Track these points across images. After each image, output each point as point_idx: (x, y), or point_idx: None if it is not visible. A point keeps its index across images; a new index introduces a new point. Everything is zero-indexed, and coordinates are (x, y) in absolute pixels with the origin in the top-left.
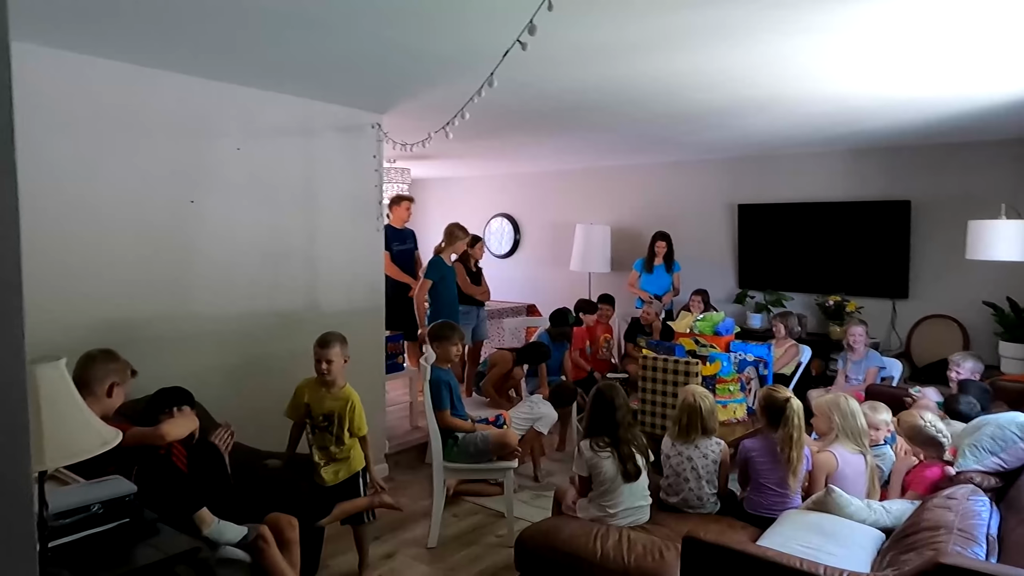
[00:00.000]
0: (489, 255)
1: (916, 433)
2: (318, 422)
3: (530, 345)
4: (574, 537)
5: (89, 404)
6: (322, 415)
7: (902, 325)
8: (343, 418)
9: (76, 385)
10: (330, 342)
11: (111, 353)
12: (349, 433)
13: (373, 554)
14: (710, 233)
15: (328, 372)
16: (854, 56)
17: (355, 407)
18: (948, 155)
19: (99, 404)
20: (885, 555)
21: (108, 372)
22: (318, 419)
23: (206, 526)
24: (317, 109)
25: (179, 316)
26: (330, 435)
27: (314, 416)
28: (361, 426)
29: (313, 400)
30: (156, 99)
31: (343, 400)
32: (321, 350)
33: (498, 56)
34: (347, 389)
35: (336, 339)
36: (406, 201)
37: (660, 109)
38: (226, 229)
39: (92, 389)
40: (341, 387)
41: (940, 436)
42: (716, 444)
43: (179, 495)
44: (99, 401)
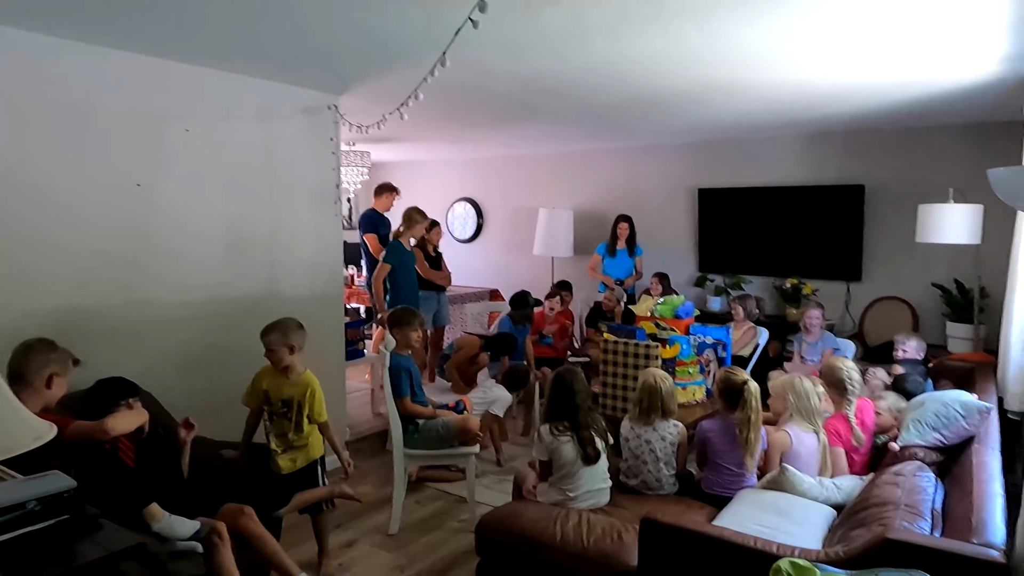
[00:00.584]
0: (452, 240)
1: (830, 372)
2: (276, 408)
3: (500, 336)
4: (534, 521)
5: (27, 397)
6: (281, 401)
7: (855, 307)
8: (302, 404)
9: (13, 377)
10: (267, 332)
11: (49, 343)
12: (308, 420)
13: (333, 542)
14: (671, 217)
15: (275, 362)
16: (812, 42)
17: (314, 393)
18: (900, 141)
19: (38, 396)
20: (836, 531)
21: (47, 362)
22: (276, 405)
23: (156, 521)
24: (272, 90)
25: (134, 304)
26: (288, 421)
27: (273, 402)
28: (321, 412)
29: (272, 387)
30: (105, 79)
31: (302, 386)
32: (261, 339)
33: (451, 36)
34: (306, 375)
35: (274, 328)
36: (388, 192)
37: (620, 94)
38: (181, 214)
39: (30, 381)
40: (300, 373)
41: (848, 383)
42: (674, 426)
43: (126, 491)
44: (38, 393)
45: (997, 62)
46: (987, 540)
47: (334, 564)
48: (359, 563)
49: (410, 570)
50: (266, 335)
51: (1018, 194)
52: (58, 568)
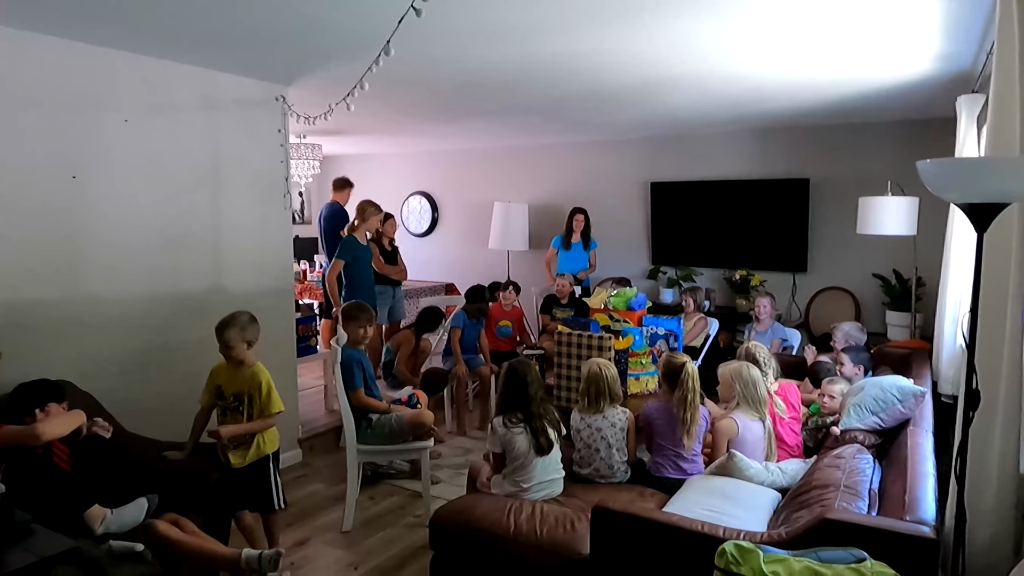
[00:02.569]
0: (407, 234)
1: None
2: (229, 403)
3: (420, 313)
4: (488, 513)
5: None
6: (233, 395)
7: (801, 297)
8: (254, 397)
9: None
10: (222, 328)
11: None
12: (261, 413)
13: (285, 541)
14: (625, 211)
15: (231, 357)
16: (753, 38)
17: (264, 384)
18: (842, 136)
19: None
20: (780, 514)
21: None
22: (229, 400)
23: (98, 522)
24: (217, 80)
25: (70, 300)
26: (241, 415)
27: (225, 396)
28: (274, 403)
29: (225, 381)
30: (33, 66)
31: (254, 379)
32: (217, 336)
33: (402, 27)
34: (256, 367)
35: (229, 323)
36: (348, 188)
37: (567, 88)
38: (119, 208)
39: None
40: (251, 366)
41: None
42: (622, 412)
43: (63, 495)
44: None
45: (930, 60)
46: (919, 517)
47: (286, 563)
48: (311, 562)
49: (363, 567)
50: (223, 331)
51: (946, 186)
52: None
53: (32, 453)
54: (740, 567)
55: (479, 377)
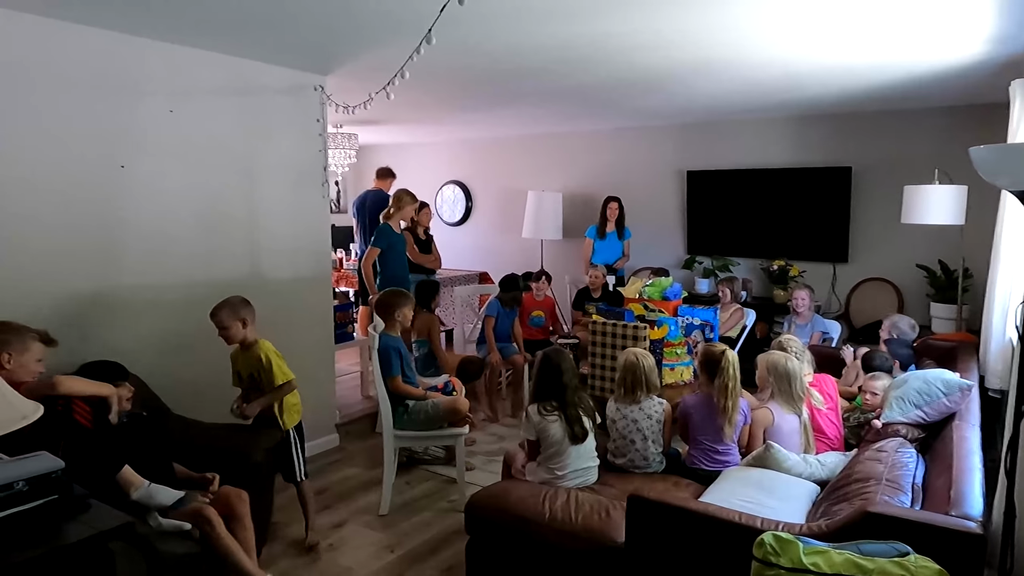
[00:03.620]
0: (441, 223)
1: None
2: (247, 384)
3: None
4: (523, 499)
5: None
6: (248, 376)
7: (841, 288)
8: (262, 373)
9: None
10: (214, 312)
11: (3, 323)
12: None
13: (324, 523)
14: (660, 199)
15: (229, 339)
16: (794, 21)
17: (264, 358)
18: (887, 122)
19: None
20: (819, 506)
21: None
22: (247, 381)
23: (133, 488)
24: (256, 70)
25: (111, 286)
26: (260, 393)
27: (243, 379)
28: (276, 375)
29: (240, 365)
30: (79, 57)
31: (256, 357)
32: (212, 320)
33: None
34: (259, 344)
35: (221, 308)
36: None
37: (603, 72)
38: (159, 195)
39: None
40: (252, 344)
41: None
42: (659, 404)
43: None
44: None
45: (983, 43)
46: (965, 512)
47: (325, 544)
48: (349, 543)
49: (400, 550)
50: (215, 314)
51: (1000, 172)
52: (46, 547)
53: (53, 409)
54: (779, 558)
55: (513, 365)
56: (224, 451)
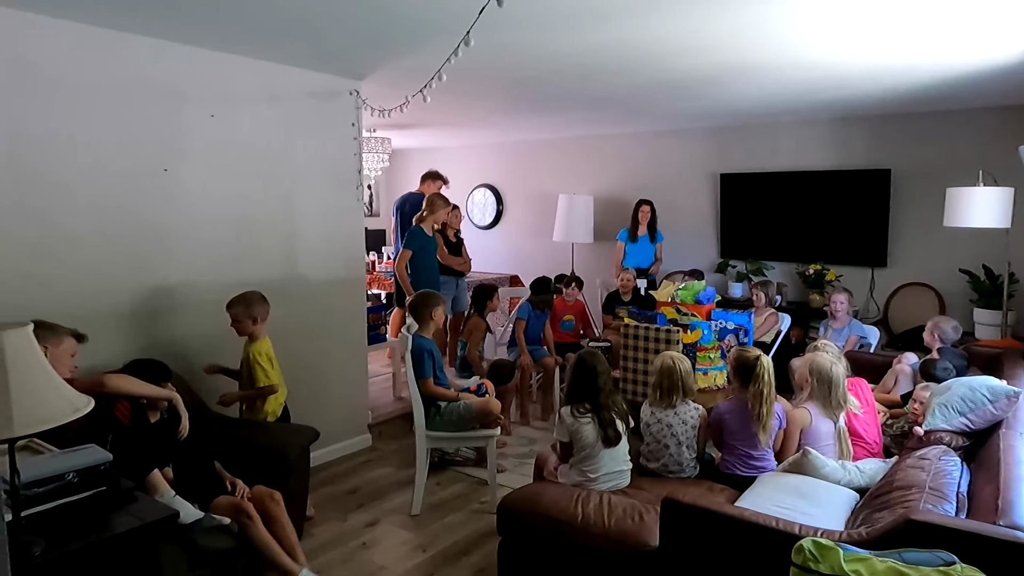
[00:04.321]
0: (472, 226)
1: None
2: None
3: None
4: (555, 501)
5: None
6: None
7: (880, 293)
8: (244, 368)
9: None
10: (231, 305)
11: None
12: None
13: (357, 522)
14: (692, 203)
15: (239, 331)
16: (833, 22)
17: (252, 358)
18: (928, 123)
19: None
20: (859, 514)
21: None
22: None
23: (158, 494)
24: (294, 75)
25: (154, 286)
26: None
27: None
28: (259, 379)
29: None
30: (127, 64)
31: (247, 352)
32: (228, 311)
33: (475, 17)
34: (255, 344)
35: (237, 302)
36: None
37: (639, 76)
38: (200, 198)
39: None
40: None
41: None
42: (695, 409)
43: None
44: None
45: None
46: (1013, 522)
47: (358, 543)
48: (381, 541)
49: (432, 549)
50: (231, 307)
51: None
52: (96, 537)
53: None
54: (819, 564)
55: (543, 368)
56: (260, 448)
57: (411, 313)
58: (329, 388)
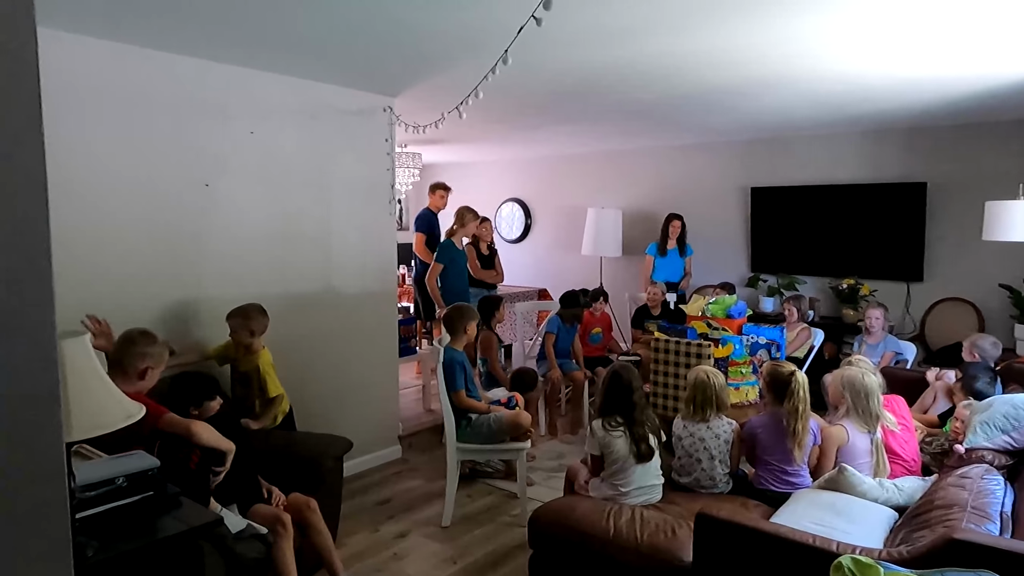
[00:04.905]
0: (500, 240)
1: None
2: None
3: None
4: (587, 515)
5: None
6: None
7: (916, 308)
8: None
9: (111, 363)
10: (230, 316)
11: (151, 336)
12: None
13: (388, 532)
14: (722, 217)
15: (234, 340)
16: (863, 34)
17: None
18: (965, 136)
19: (129, 385)
20: (898, 533)
21: (144, 356)
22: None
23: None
24: (329, 92)
25: (196, 297)
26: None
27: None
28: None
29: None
30: (168, 83)
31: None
32: (227, 322)
33: (509, 35)
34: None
35: (236, 314)
36: (440, 190)
37: (672, 90)
38: (239, 213)
39: (124, 369)
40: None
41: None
42: (728, 424)
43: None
44: (130, 382)
45: None
46: None
47: (389, 553)
48: (412, 553)
49: (462, 561)
50: (230, 317)
51: None
52: (142, 540)
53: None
54: None
55: (573, 381)
56: (295, 458)
57: (445, 326)
58: (361, 399)
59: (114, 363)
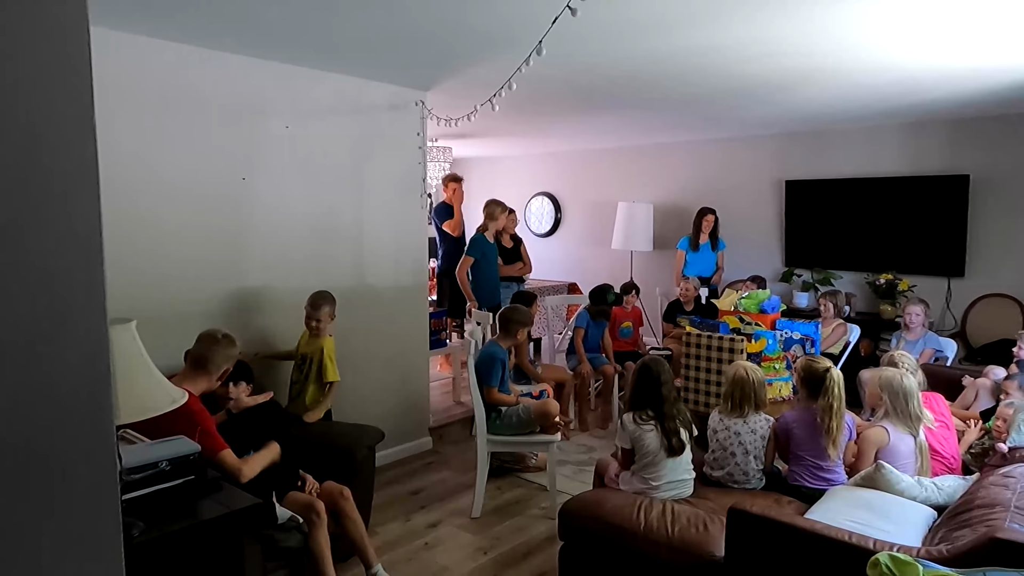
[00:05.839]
0: (530, 234)
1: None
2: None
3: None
4: (618, 508)
5: (199, 380)
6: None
7: (957, 304)
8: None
9: (196, 360)
10: (319, 303)
11: (232, 339)
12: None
13: (420, 522)
14: (756, 211)
15: (312, 326)
16: (905, 23)
17: (327, 355)
18: (1010, 127)
19: (208, 382)
20: (937, 532)
21: (228, 358)
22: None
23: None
24: (363, 87)
25: (236, 288)
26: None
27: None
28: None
29: (303, 345)
30: (211, 79)
31: (319, 347)
32: (313, 308)
33: (541, 28)
34: (327, 340)
35: (326, 300)
36: (452, 182)
37: (707, 83)
38: (278, 206)
39: (208, 369)
40: (323, 337)
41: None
42: (765, 420)
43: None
44: (209, 380)
45: None
46: None
47: (420, 543)
48: (443, 543)
49: (493, 552)
50: (319, 304)
51: None
52: (187, 522)
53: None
54: None
55: (603, 375)
56: (329, 447)
57: (499, 322)
58: (393, 391)
59: (199, 361)
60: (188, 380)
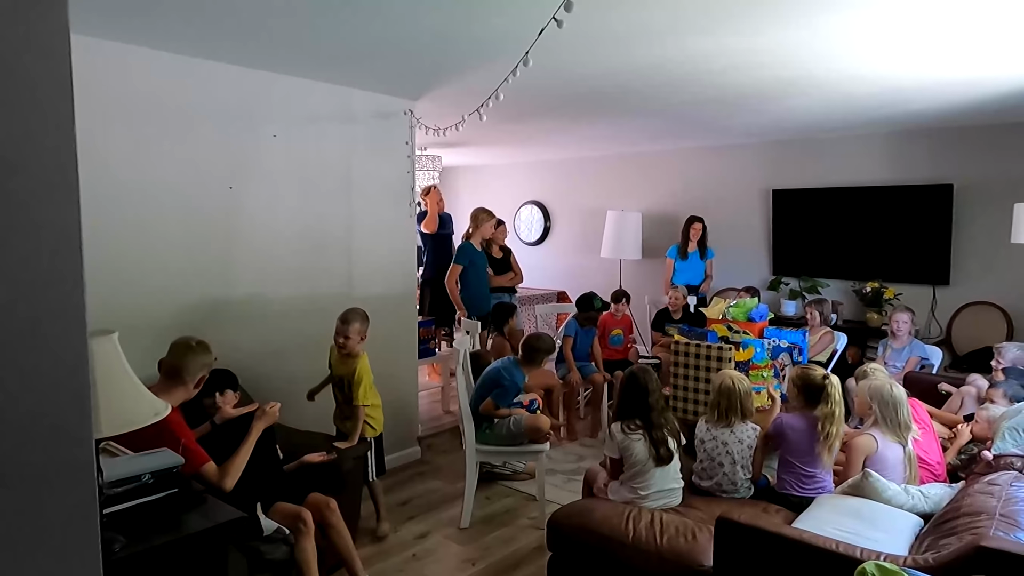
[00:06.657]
0: (519, 242)
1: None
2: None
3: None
4: (606, 518)
5: (176, 390)
6: (339, 378)
7: (942, 312)
8: (347, 383)
9: (170, 371)
10: (351, 320)
11: (207, 346)
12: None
13: (408, 533)
14: (743, 219)
15: (343, 345)
16: (890, 35)
17: (359, 376)
18: (993, 137)
19: (185, 393)
20: (924, 540)
21: (203, 365)
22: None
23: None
24: (352, 96)
25: (223, 297)
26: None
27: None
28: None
29: (337, 368)
30: (199, 88)
31: (353, 368)
32: (345, 325)
33: (530, 39)
34: (360, 359)
35: (356, 317)
36: (426, 196)
37: (694, 92)
38: (267, 215)
39: (184, 379)
40: (356, 357)
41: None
42: (752, 429)
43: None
44: (186, 389)
45: None
46: None
47: (408, 554)
48: (432, 554)
49: (481, 563)
50: (351, 321)
51: None
52: (169, 536)
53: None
54: None
55: (592, 384)
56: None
57: (524, 351)
58: (381, 400)
59: (173, 371)
60: (164, 392)
